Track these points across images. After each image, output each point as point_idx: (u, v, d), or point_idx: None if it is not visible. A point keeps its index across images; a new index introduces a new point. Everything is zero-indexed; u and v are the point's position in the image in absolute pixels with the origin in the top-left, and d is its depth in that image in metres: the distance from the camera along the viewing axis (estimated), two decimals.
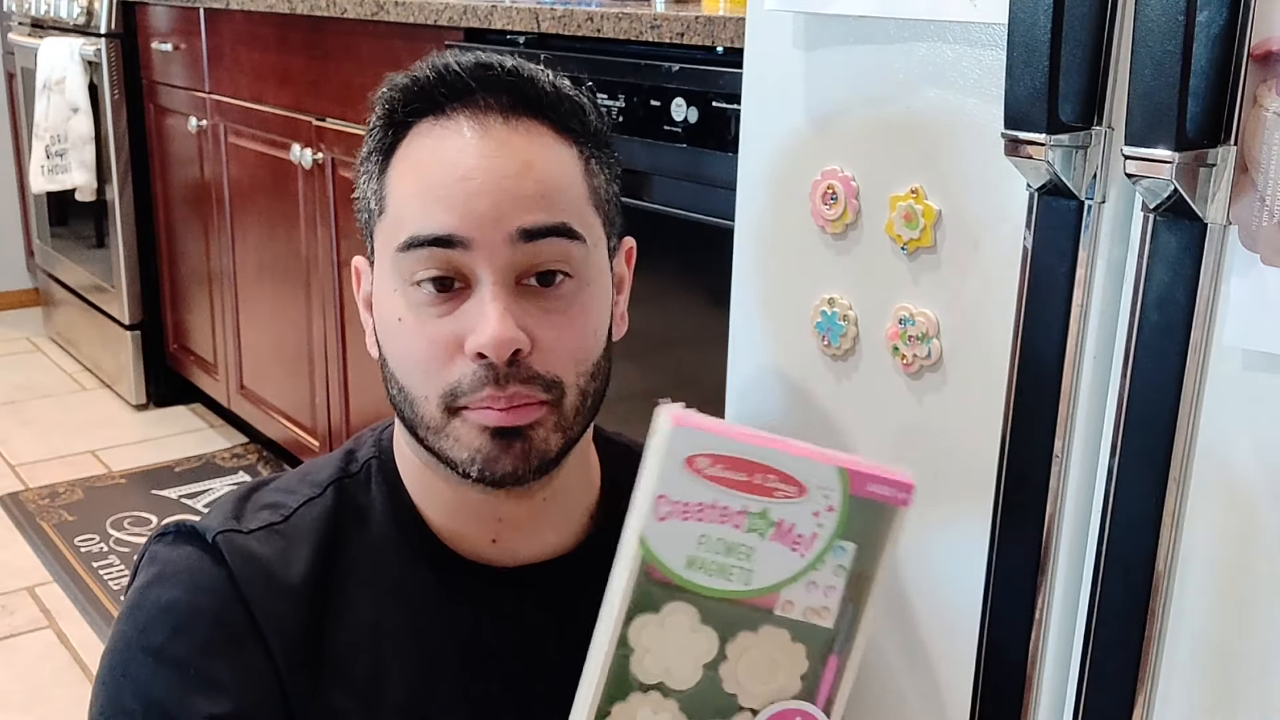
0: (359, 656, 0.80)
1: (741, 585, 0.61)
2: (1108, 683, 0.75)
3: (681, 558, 0.60)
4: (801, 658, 0.62)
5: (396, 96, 0.77)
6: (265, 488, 0.86)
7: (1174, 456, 0.69)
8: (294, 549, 0.81)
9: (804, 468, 0.60)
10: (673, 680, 0.61)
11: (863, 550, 0.61)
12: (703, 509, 0.60)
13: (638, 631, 0.60)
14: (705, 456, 0.59)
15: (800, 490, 0.60)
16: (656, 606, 0.60)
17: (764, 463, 0.60)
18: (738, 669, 0.62)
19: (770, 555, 0.60)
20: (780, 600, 0.61)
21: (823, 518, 0.60)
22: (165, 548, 0.82)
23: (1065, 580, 0.78)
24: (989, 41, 0.76)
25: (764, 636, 0.61)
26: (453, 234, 0.73)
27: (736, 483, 0.60)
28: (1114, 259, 0.72)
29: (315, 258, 2.36)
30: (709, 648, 0.61)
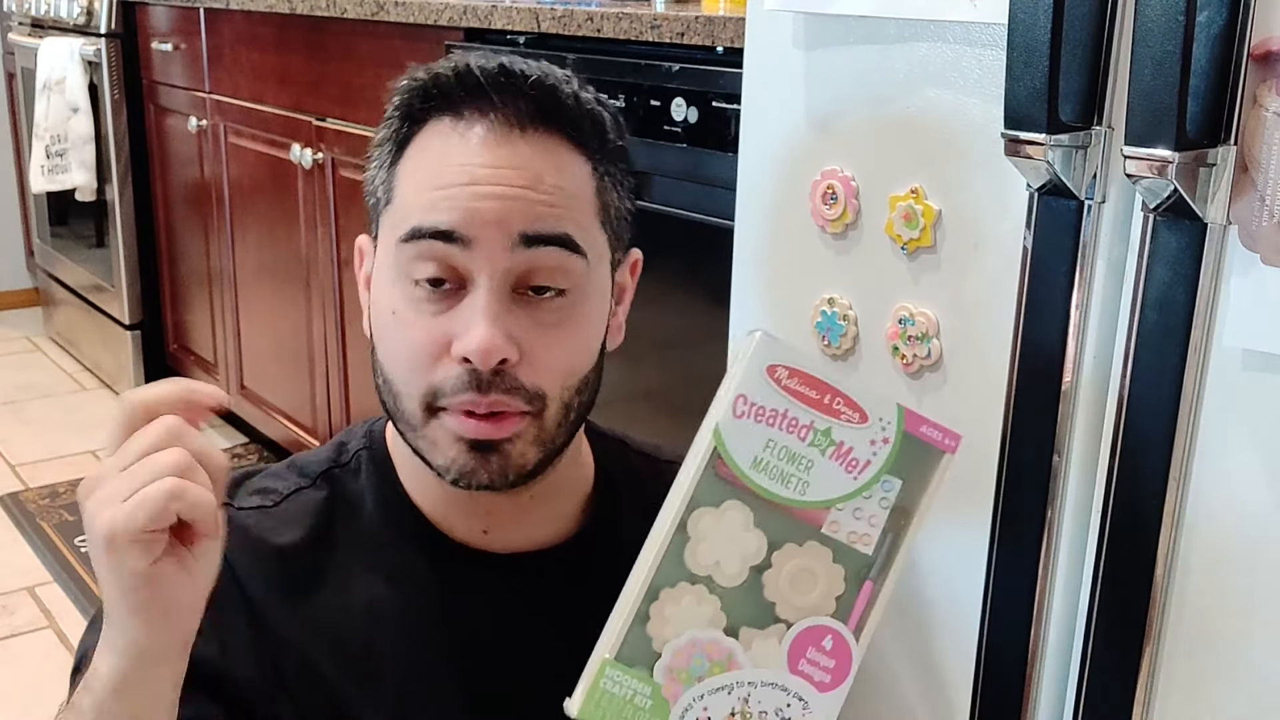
0: (351, 635, 0.81)
1: (797, 494, 0.66)
2: (1108, 682, 0.75)
3: (749, 455, 0.66)
4: (840, 579, 0.67)
5: (415, 91, 0.78)
6: (255, 475, 0.86)
7: (1174, 456, 0.69)
8: (284, 531, 0.82)
9: (869, 398, 0.66)
10: (720, 575, 0.65)
11: (908, 486, 0.67)
12: (775, 415, 0.66)
13: (696, 520, 0.65)
14: (784, 368, 0.66)
15: (863, 417, 0.66)
16: (717, 501, 0.65)
17: (833, 385, 0.66)
18: (780, 577, 0.66)
19: (827, 472, 0.66)
20: (828, 519, 0.66)
21: (878, 448, 0.66)
22: None
23: (1065, 580, 0.78)
24: (989, 41, 0.76)
25: (808, 551, 0.66)
26: (454, 229, 0.73)
27: (808, 398, 0.66)
28: (1114, 259, 0.72)
29: (315, 258, 2.36)
30: (758, 549, 0.66)
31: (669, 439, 1.02)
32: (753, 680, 0.66)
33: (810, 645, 0.67)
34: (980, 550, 0.81)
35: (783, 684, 0.66)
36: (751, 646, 0.66)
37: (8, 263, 3.90)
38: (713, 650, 0.66)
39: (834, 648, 0.67)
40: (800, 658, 0.66)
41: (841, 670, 0.67)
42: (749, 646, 0.66)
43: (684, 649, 0.65)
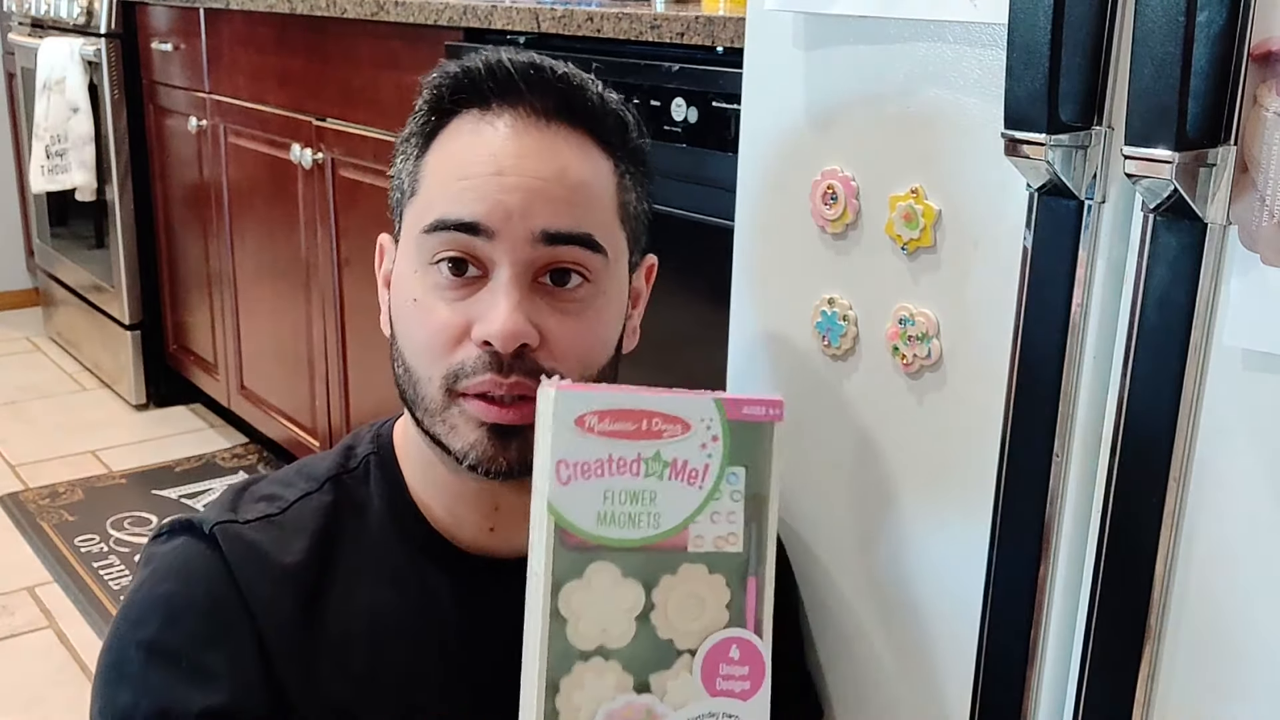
0: (356, 644, 0.81)
1: (652, 530, 0.64)
2: (1108, 682, 0.75)
3: (591, 516, 0.63)
4: (722, 587, 0.65)
5: (445, 84, 0.78)
6: (262, 481, 0.86)
7: (1174, 456, 0.69)
8: (290, 538, 0.82)
9: (683, 405, 0.65)
10: (610, 639, 0.64)
11: (752, 471, 0.65)
12: (601, 464, 0.63)
13: (567, 599, 0.63)
14: (592, 414, 0.63)
15: (685, 427, 0.64)
16: (579, 571, 0.63)
17: (646, 409, 0.64)
18: (667, 612, 0.65)
19: (671, 494, 0.64)
20: (690, 537, 0.65)
21: (710, 449, 0.65)
22: (159, 546, 0.83)
23: (1065, 580, 0.78)
24: (989, 41, 0.76)
25: (684, 576, 0.65)
26: (478, 221, 0.74)
27: (626, 433, 0.64)
28: (1114, 259, 0.72)
29: (315, 258, 2.36)
30: (636, 599, 0.64)
31: None
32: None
33: (720, 662, 0.66)
34: (980, 550, 0.81)
35: (709, 711, 0.65)
36: (666, 690, 0.65)
37: (8, 263, 3.90)
38: (630, 714, 0.64)
39: (742, 654, 0.66)
40: (715, 678, 0.66)
41: (757, 672, 0.66)
42: (664, 691, 0.65)
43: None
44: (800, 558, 0.96)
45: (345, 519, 0.84)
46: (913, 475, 0.86)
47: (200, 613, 0.78)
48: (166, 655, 0.77)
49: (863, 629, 0.92)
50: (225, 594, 0.79)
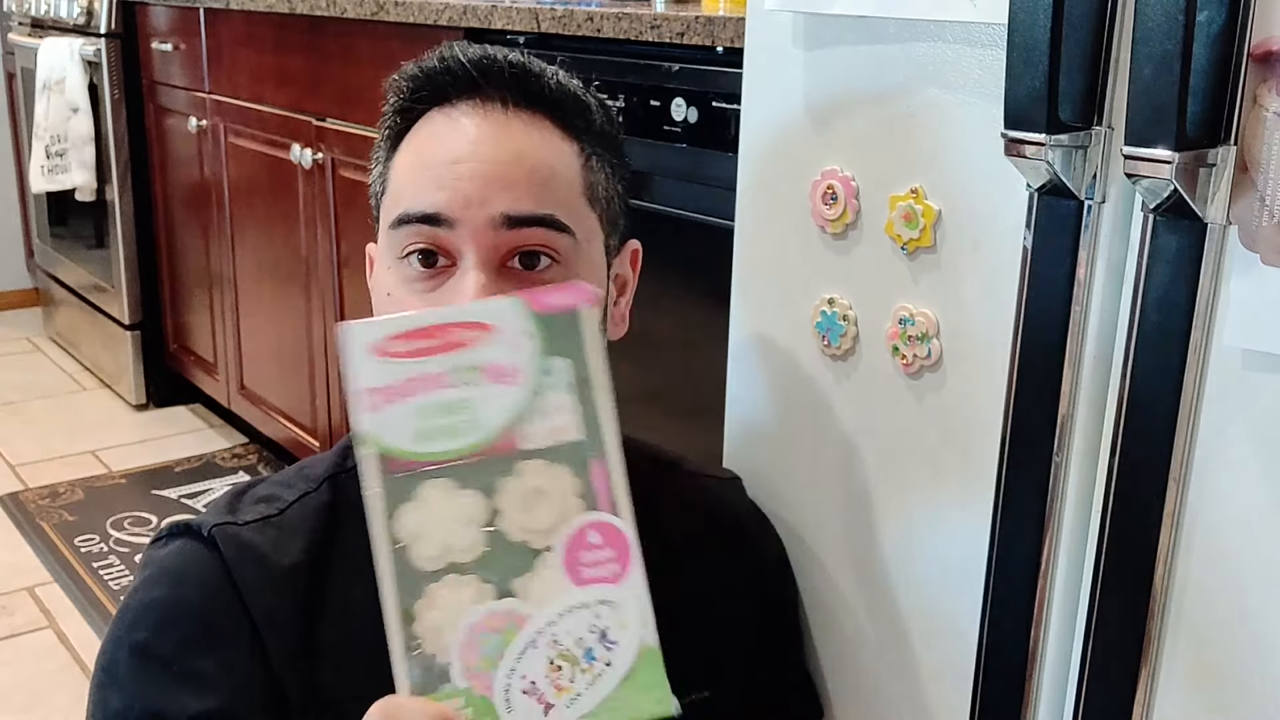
0: (354, 645, 0.81)
1: (476, 437, 0.63)
2: (1108, 682, 0.75)
3: (409, 435, 0.62)
4: (568, 477, 0.64)
5: (405, 85, 0.80)
6: (261, 484, 0.87)
7: (1174, 456, 0.69)
8: (288, 539, 0.82)
9: (482, 309, 0.65)
10: (458, 555, 0.62)
11: (574, 360, 0.65)
12: (410, 383, 0.63)
13: (402, 523, 0.62)
14: (387, 339, 0.63)
15: (485, 329, 0.64)
16: (410, 494, 0.62)
17: (444, 321, 0.64)
18: (512, 516, 0.63)
19: (490, 397, 0.63)
20: (520, 437, 0.63)
21: (521, 344, 0.64)
22: (157, 550, 0.83)
23: (1065, 580, 0.78)
24: (989, 41, 0.76)
25: (523, 474, 0.63)
26: (439, 212, 0.75)
27: (427, 349, 0.63)
28: (1114, 259, 0.72)
29: (315, 258, 2.36)
30: (476, 509, 0.63)
31: (670, 439, 1.02)
32: (549, 620, 0.63)
33: (581, 550, 0.63)
34: (980, 550, 0.81)
35: (579, 602, 0.63)
36: (530, 592, 0.63)
37: (8, 263, 3.90)
38: (494, 622, 0.62)
39: (604, 538, 0.64)
40: (579, 567, 0.63)
41: (623, 553, 0.64)
42: (527, 594, 0.63)
43: (467, 642, 0.62)
44: (800, 557, 0.96)
45: (343, 519, 0.84)
46: (913, 475, 0.86)
47: (193, 617, 0.78)
48: (158, 659, 0.78)
49: (862, 628, 0.92)
50: (222, 597, 0.79)
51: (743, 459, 1.01)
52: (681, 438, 1.34)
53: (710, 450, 1.05)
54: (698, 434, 1.28)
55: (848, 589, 0.93)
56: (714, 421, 1.04)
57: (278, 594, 0.80)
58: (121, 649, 0.79)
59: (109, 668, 0.79)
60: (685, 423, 1.40)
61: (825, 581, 0.94)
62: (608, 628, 0.63)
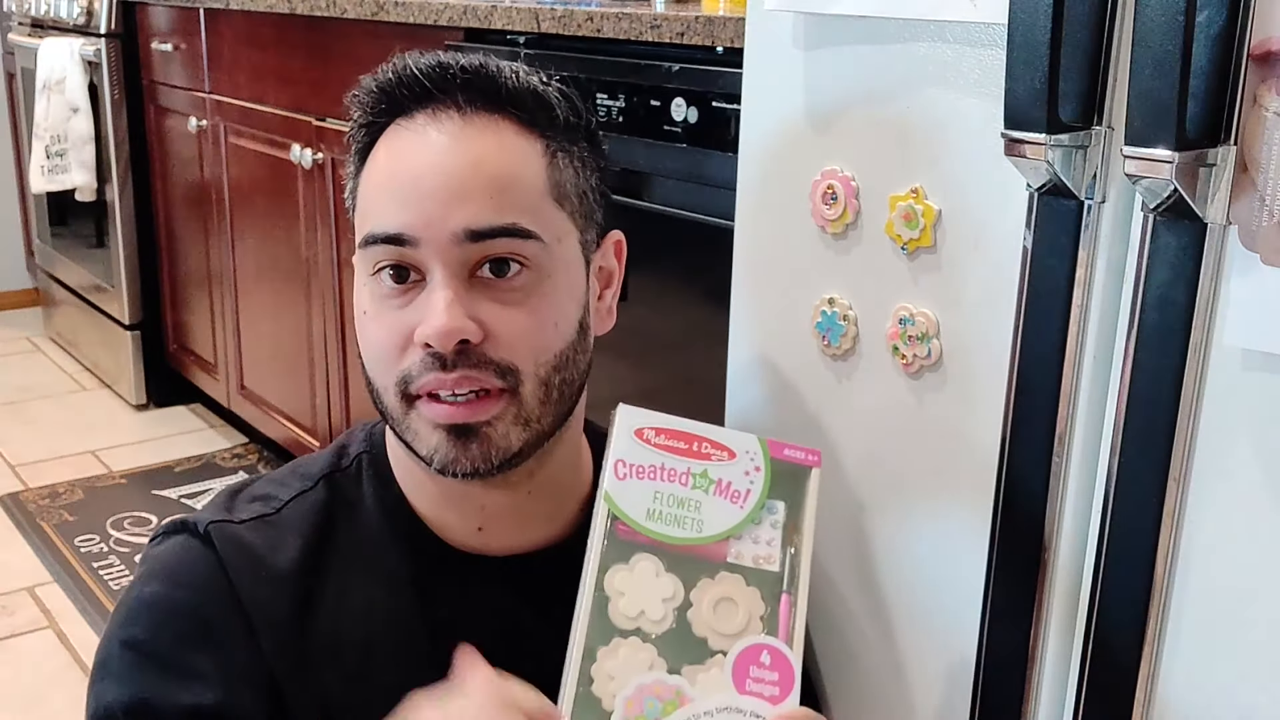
0: (349, 643, 0.81)
1: (695, 533, 0.72)
2: (1108, 683, 0.75)
3: (641, 510, 0.72)
4: (758, 599, 0.72)
5: (365, 100, 0.80)
6: (257, 482, 0.87)
7: (1174, 456, 0.69)
8: (283, 538, 0.82)
9: (731, 436, 0.75)
10: (647, 624, 0.70)
11: (790, 506, 0.75)
12: (654, 469, 0.73)
13: (610, 579, 0.70)
14: (650, 429, 0.74)
15: (731, 454, 0.75)
16: (625, 557, 0.71)
17: (697, 433, 0.75)
18: (703, 611, 0.71)
19: (715, 508, 0.73)
20: (730, 550, 0.73)
21: (753, 477, 0.74)
22: (154, 548, 0.84)
23: (1065, 580, 0.78)
24: (989, 41, 0.76)
25: (721, 581, 0.72)
26: (402, 233, 0.75)
27: (678, 449, 0.74)
28: (1114, 259, 0.72)
29: (315, 258, 2.36)
30: (674, 591, 0.71)
31: None
32: (707, 709, 0.69)
33: (750, 664, 0.70)
34: (980, 550, 0.81)
35: (736, 706, 0.69)
36: (696, 681, 0.69)
37: (8, 263, 3.90)
38: (661, 691, 0.69)
39: (773, 661, 0.70)
40: (745, 679, 0.69)
41: (786, 680, 0.70)
42: (694, 682, 0.69)
43: (633, 697, 0.68)
44: None
45: (338, 518, 0.84)
46: (913, 475, 0.86)
47: (187, 614, 0.79)
48: (153, 655, 0.78)
49: (862, 629, 0.92)
50: (217, 594, 0.79)
51: None
52: None
53: None
54: None
55: (847, 589, 0.93)
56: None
57: (273, 593, 0.80)
58: (116, 644, 0.79)
59: (104, 662, 0.79)
60: None
61: (824, 582, 0.94)
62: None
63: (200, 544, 0.81)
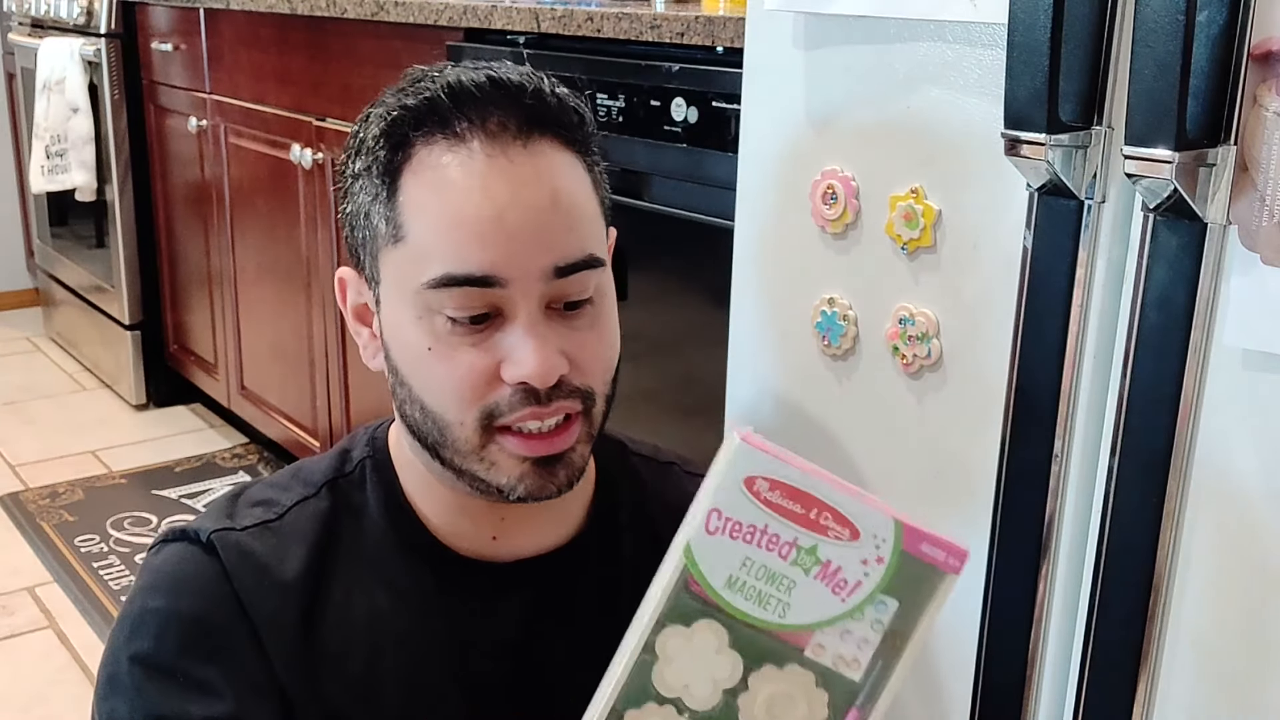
0: (354, 651, 0.80)
1: (776, 617, 0.60)
2: (1108, 683, 0.75)
3: (723, 575, 0.60)
4: (823, 705, 0.61)
5: (404, 115, 0.74)
6: (256, 486, 0.86)
7: (1174, 456, 0.69)
8: (288, 546, 0.81)
9: (861, 512, 0.60)
10: (690, 699, 0.60)
11: (904, 609, 0.60)
12: (754, 531, 0.60)
13: (665, 640, 0.60)
14: (766, 480, 0.60)
15: (854, 534, 0.60)
16: (688, 620, 0.60)
17: (822, 498, 0.60)
18: (757, 702, 0.61)
19: (811, 593, 0.60)
20: (812, 642, 0.60)
21: (870, 567, 0.60)
22: (154, 557, 0.83)
23: (1065, 580, 0.78)
24: (989, 41, 0.76)
25: (789, 675, 0.61)
26: (489, 274, 0.72)
27: (791, 513, 0.60)
28: (1114, 259, 0.72)
29: (315, 258, 2.36)
30: (732, 672, 0.60)
31: (669, 439, 1.02)
32: None
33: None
34: (980, 550, 0.81)
35: None
36: None
37: (8, 263, 3.90)
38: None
39: None
40: None
41: None
42: None
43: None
44: None
45: (342, 525, 0.83)
46: (913, 475, 0.86)
47: (193, 626, 0.78)
48: (161, 669, 0.77)
49: None
50: (221, 603, 0.78)
51: None
52: (681, 438, 1.34)
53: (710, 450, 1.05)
54: (698, 434, 1.28)
55: None
56: (714, 421, 1.04)
57: (277, 602, 0.79)
58: (123, 659, 0.78)
59: (112, 678, 0.79)
60: (685, 423, 1.40)
61: None
62: None
63: (202, 552, 0.80)
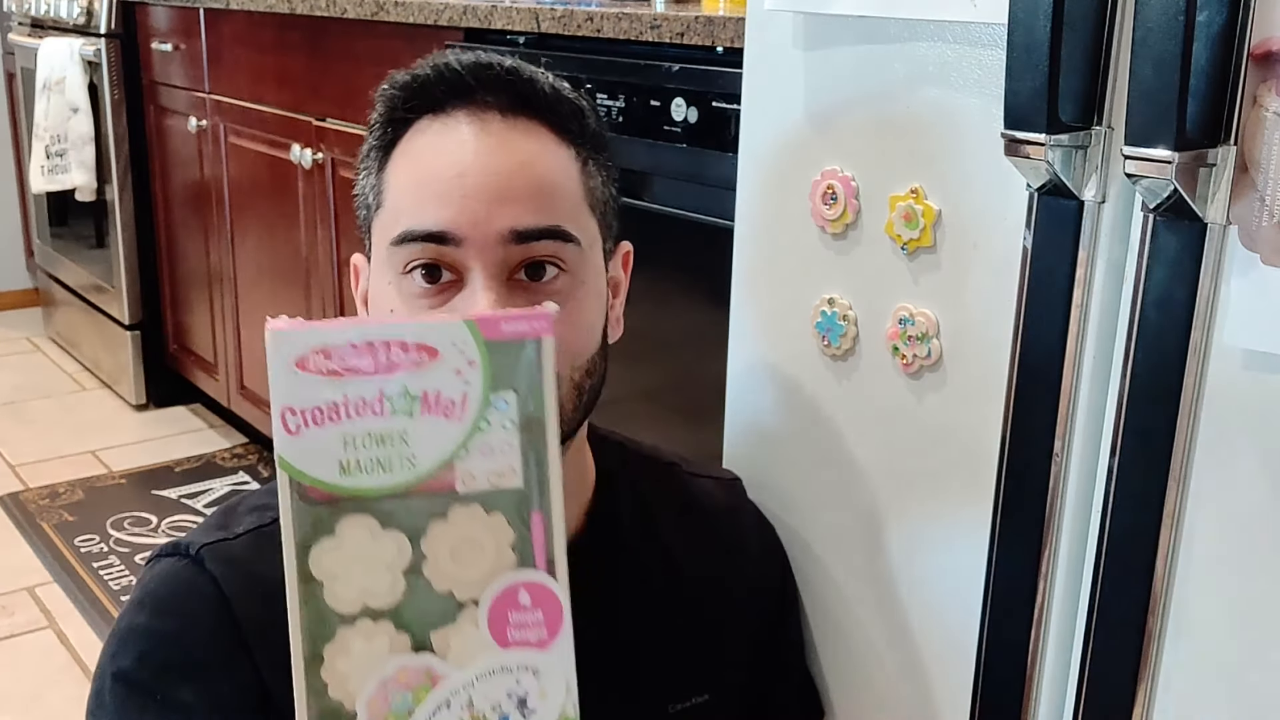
0: None
1: (408, 474, 0.57)
2: (1108, 683, 0.75)
3: (332, 465, 0.57)
4: (504, 526, 0.58)
5: (397, 94, 0.78)
6: (256, 493, 0.86)
7: (1174, 456, 0.69)
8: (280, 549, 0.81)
9: (427, 331, 0.57)
10: (375, 599, 0.58)
11: (522, 395, 0.58)
12: (335, 408, 0.57)
13: (318, 560, 0.58)
14: (315, 353, 0.56)
15: (431, 354, 0.57)
16: (330, 528, 0.57)
17: (380, 339, 0.57)
18: (440, 562, 0.58)
19: (427, 431, 0.57)
20: (458, 476, 0.58)
21: (467, 375, 0.57)
22: (148, 572, 0.83)
23: (1065, 580, 0.78)
24: (989, 41, 0.76)
25: (456, 520, 0.58)
26: (446, 230, 0.73)
27: (359, 369, 0.57)
28: (1114, 259, 0.72)
29: (315, 258, 2.36)
30: (400, 552, 0.58)
31: (669, 440, 1.02)
32: (466, 681, 0.58)
33: (509, 609, 0.58)
34: (980, 550, 0.81)
35: (500, 665, 0.58)
36: (450, 646, 0.58)
37: (8, 263, 3.90)
38: (407, 678, 0.58)
39: (534, 599, 0.58)
40: (505, 628, 0.58)
41: (553, 617, 0.59)
42: (446, 649, 0.58)
43: (376, 696, 0.58)
44: (801, 558, 0.96)
45: None
46: (913, 475, 0.86)
47: (170, 645, 0.78)
48: (137, 687, 0.78)
49: (863, 629, 0.92)
50: (204, 620, 0.79)
51: (743, 459, 1.00)
52: (681, 438, 1.34)
53: (710, 450, 1.05)
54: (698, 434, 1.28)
55: (849, 590, 0.93)
56: (714, 421, 1.04)
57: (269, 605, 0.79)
58: (108, 676, 0.79)
59: (99, 693, 0.80)
60: (685, 423, 1.40)
61: (826, 583, 0.94)
62: (527, 694, 0.59)
63: (191, 567, 0.80)
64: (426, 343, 0.57)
